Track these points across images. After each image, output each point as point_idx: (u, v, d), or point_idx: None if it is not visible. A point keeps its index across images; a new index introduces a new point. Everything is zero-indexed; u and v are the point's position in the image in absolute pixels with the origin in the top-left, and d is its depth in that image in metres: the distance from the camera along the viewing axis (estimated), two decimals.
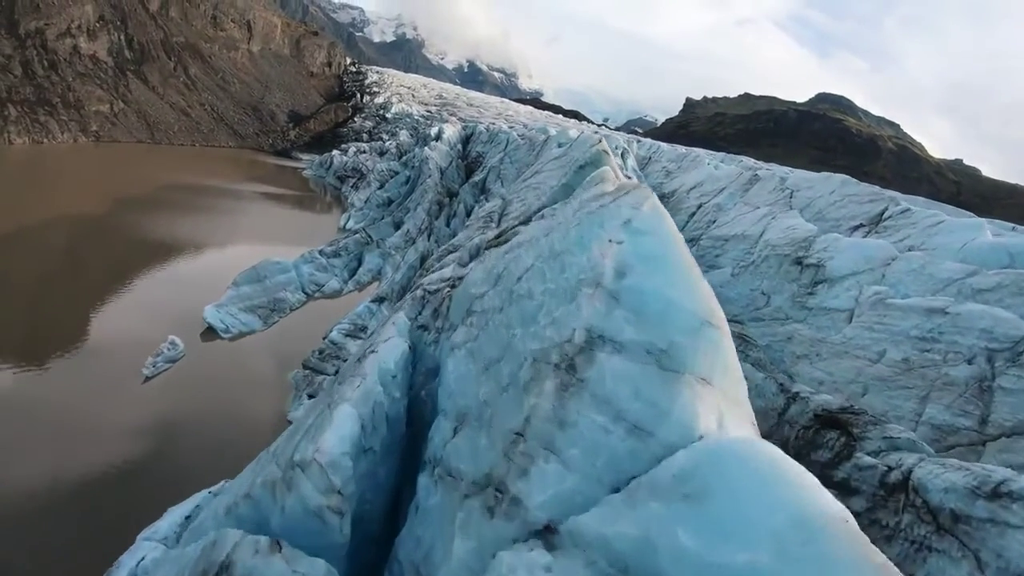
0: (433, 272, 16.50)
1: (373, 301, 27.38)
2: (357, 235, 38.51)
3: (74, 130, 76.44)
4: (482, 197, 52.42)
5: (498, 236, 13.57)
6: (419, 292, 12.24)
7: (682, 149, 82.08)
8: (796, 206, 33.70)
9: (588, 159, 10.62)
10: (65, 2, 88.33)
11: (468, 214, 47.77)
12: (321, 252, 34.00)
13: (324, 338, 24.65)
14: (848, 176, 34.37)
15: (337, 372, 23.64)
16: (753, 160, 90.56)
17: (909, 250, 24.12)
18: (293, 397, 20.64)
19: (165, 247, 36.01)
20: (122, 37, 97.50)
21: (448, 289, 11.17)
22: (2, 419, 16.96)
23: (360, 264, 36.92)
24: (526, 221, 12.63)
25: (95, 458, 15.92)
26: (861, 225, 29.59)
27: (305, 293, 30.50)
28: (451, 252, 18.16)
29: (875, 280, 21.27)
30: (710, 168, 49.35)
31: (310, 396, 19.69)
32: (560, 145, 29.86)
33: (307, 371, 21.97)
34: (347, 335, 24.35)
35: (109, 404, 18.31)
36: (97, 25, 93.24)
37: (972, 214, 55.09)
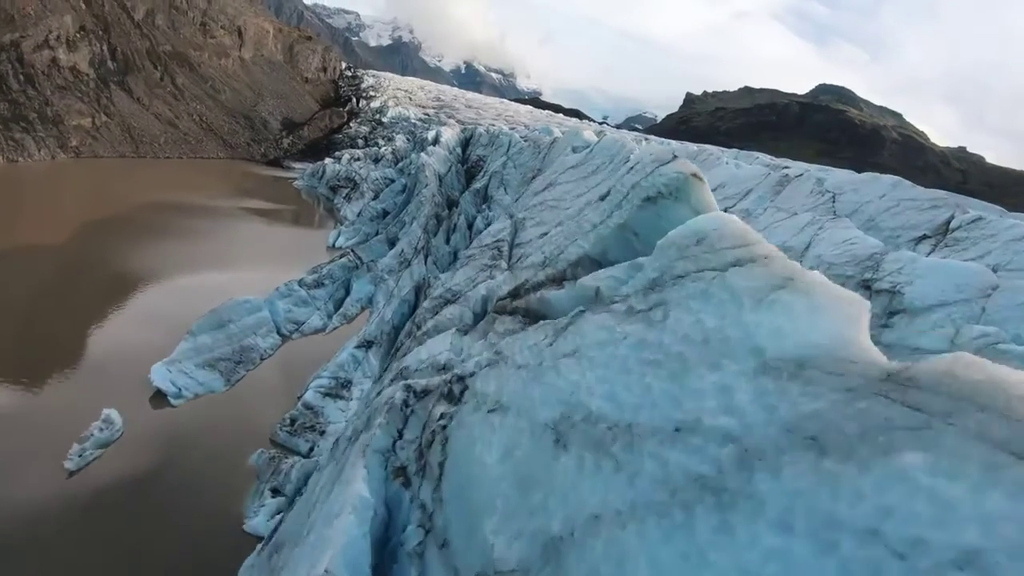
0: (423, 339, 12.43)
1: (359, 347, 23.19)
2: (344, 258, 34.28)
3: (52, 147, 72.68)
4: (484, 206, 48.63)
5: (514, 294, 9.60)
6: (399, 395, 8.14)
7: (693, 147, 78.00)
8: (841, 212, 29.55)
9: (663, 188, 6.49)
10: (42, 13, 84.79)
11: (469, 227, 43.89)
12: (301, 283, 29.70)
13: (299, 398, 20.64)
14: (898, 177, 30.38)
15: (312, 450, 19.69)
16: (769, 156, 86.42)
17: (995, 271, 20.06)
18: (254, 492, 16.56)
19: (124, 283, 31.45)
20: (105, 47, 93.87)
21: (442, 408, 7.13)
22: None
23: (348, 293, 32.69)
24: (557, 279, 8.66)
25: None
26: (925, 236, 25.49)
27: (281, 335, 26.29)
28: (449, 302, 14.06)
29: (972, 315, 17.09)
30: (730, 167, 45.27)
31: (274, 492, 15.69)
32: (575, 150, 25.79)
33: (274, 450, 17.93)
34: (326, 394, 20.28)
35: (12, 516, 14.26)
36: (77, 36, 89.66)
37: (1001, 208, 51.02)
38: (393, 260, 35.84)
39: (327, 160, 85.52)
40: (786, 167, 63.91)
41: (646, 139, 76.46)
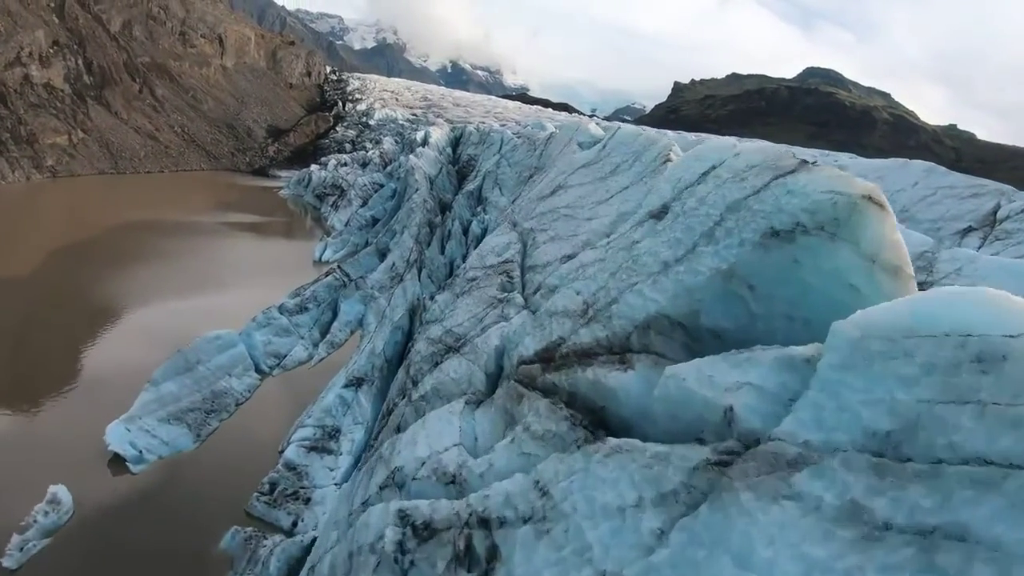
0: (421, 406, 9.85)
1: (347, 385, 20.48)
2: (329, 277, 31.54)
3: (27, 167, 69.83)
4: (479, 208, 46.30)
5: (545, 357, 7.10)
6: (390, 534, 5.49)
7: (691, 136, 75.68)
8: None
9: (806, 218, 3.97)
10: (12, 29, 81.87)
11: (465, 232, 41.47)
12: (281, 309, 26.96)
13: (280, 452, 18.05)
14: (931, 163, 27.95)
15: (295, 525, 17.05)
16: (769, 144, 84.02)
17: None
18: None
19: (85, 321, 28.13)
20: (80, 62, 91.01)
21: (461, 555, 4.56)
22: None
23: (335, 315, 30.02)
24: (616, 348, 6.08)
25: None
26: (971, 228, 23.01)
27: (260, 372, 23.56)
28: (451, 349, 11.50)
29: None
30: None
31: None
32: (581, 145, 23.23)
33: (251, 527, 15.29)
34: (311, 448, 17.69)
35: None
36: (51, 51, 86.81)
37: (1013, 187, 48.69)
38: (384, 275, 33.11)
39: (313, 167, 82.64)
40: (789, 151, 61.60)
41: (643, 130, 73.94)
